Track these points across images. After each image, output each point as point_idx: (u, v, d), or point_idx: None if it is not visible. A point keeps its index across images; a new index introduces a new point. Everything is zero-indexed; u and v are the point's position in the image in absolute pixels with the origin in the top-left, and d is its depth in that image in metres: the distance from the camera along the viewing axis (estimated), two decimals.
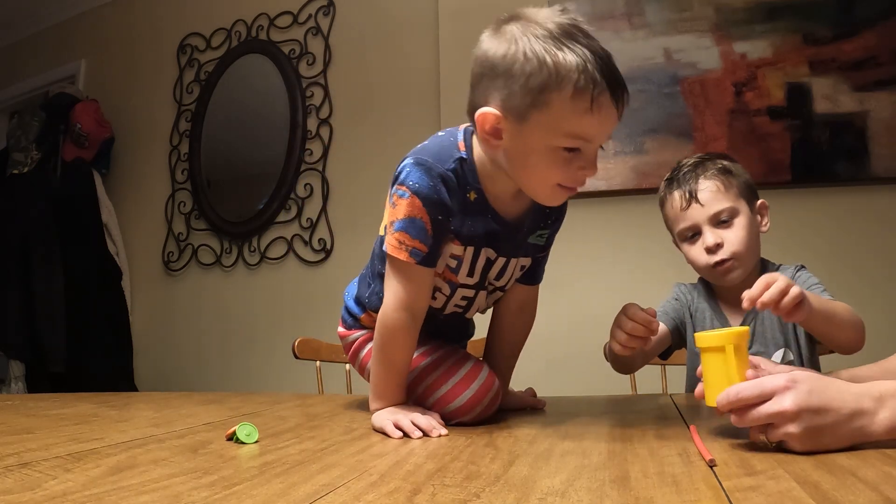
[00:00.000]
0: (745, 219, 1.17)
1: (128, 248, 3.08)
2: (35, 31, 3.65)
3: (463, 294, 1.00)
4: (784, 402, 0.61)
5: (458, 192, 0.89)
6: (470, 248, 0.94)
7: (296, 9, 2.81)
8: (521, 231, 0.97)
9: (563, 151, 0.81)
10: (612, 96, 0.80)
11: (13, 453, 0.68)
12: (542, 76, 0.77)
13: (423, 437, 0.81)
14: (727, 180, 1.17)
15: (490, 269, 0.98)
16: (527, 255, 1.01)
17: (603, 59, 0.81)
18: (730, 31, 2.07)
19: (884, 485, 0.51)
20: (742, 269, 1.18)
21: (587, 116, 0.78)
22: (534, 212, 0.97)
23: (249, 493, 0.53)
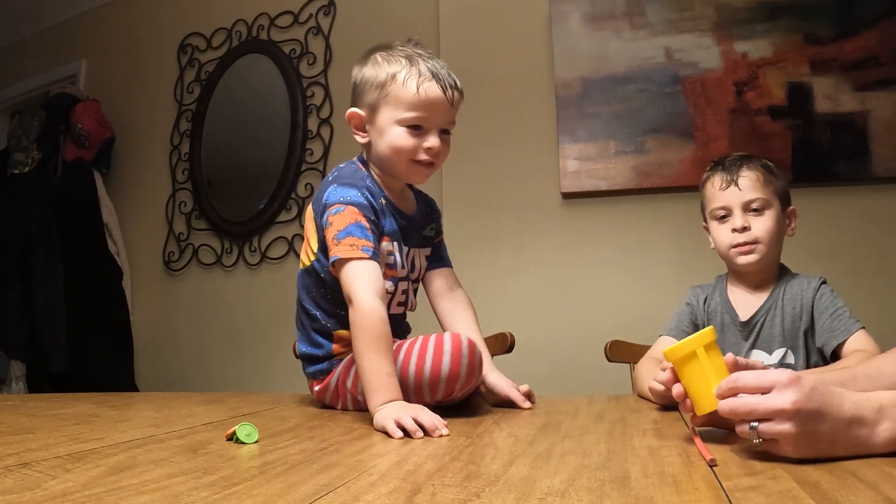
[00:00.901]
0: (775, 214, 1.24)
1: (128, 248, 3.08)
2: (35, 31, 3.65)
3: (402, 288, 1.18)
4: (783, 398, 0.59)
5: (377, 197, 1.12)
6: (395, 243, 1.15)
7: (296, 8, 2.81)
8: (415, 224, 1.21)
9: (408, 129, 1.09)
10: (437, 83, 1.09)
11: (13, 453, 0.68)
12: (380, 79, 1.10)
13: (425, 436, 0.81)
14: (768, 176, 1.25)
15: (413, 258, 1.21)
16: (424, 245, 1.25)
17: (432, 67, 1.11)
18: (731, 30, 2.07)
19: (884, 485, 0.51)
20: (760, 257, 1.24)
21: (420, 97, 1.08)
22: (421, 211, 1.24)
23: (249, 493, 0.53)
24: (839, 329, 1.18)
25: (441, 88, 1.09)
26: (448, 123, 1.13)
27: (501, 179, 2.30)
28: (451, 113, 1.12)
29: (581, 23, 2.21)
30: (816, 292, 1.23)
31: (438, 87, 1.09)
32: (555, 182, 2.20)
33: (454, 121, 1.14)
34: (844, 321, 1.18)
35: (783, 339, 1.23)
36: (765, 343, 1.25)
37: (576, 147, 2.17)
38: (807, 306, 1.23)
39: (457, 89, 1.12)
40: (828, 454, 0.59)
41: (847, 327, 1.17)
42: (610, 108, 2.15)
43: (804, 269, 1.31)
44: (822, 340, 1.20)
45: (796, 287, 1.25)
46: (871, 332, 1.17)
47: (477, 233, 2.26)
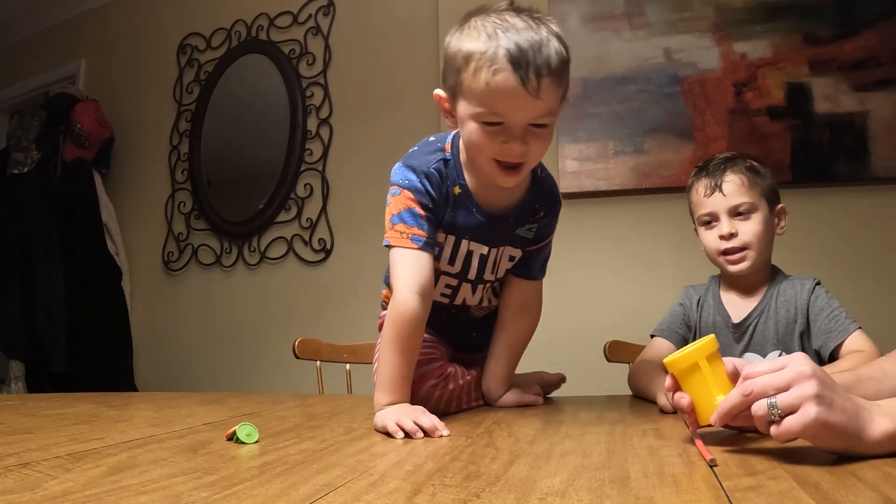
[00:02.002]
0: (762, 216, 1.23)
1: (128, 248, 3.08)
2: (35, 31, 3.65)
3: (446, 282, 1.08)
4: (800, 366, 0.59)
5: (441, 186, 1.00)
6: (451, 237, 1.03)
7: (296, 9, 2.81)
8: (506, 223, 1.06)
9: (485, 126, 0.92)
10: (514, 73, 0.87)
11: (13, 453, 0.68)
12: (458, 61, 0.92)
13: (426, 437, 0.81)
14: (753, 178, 1.23)
15: (472, 259, 1.06)
16: (514, 245, 1.08)
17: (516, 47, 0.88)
18: (730, 30, 2.07)
19: (884, 485, 0.51)
20: (749, 262, 1.23)
21: (491, 90, 0.88)
22: (520, 206, 1.06)
23: (249, 493, 0.53)
24: (836, 330, 1.17)
25: (519, 78, 0.87)
26: (539, 118, 0.91)
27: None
28: (537, 108, 0.90)
29: (580, 23, 2.21)
30: (811, 294, 1.22)
31: (515, 76, 0.87)
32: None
33: (550, 111, 0.92)
34: (841, 322, 1.18)
35: (777, 342, 1.23)
36: (758, 346, 1.25)
37: (575, 147, 2.17)
38: (801, 308, 1.22)
39: (548, 73, 0.89)
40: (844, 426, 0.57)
41: (844, 328, 1.17)
42: (609, 108, 2.15)
43: (803, 270, 1.31)
44: (819, 342, 1.19)
45: (790, 289, 1.24)
46: (871, 333, 1.17)
47: None
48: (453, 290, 1.10)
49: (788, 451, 0.64)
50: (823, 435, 0.58)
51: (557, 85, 0.93)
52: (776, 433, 0.59)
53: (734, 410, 0.64)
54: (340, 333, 1.69)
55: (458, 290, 1.10)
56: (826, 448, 0.59)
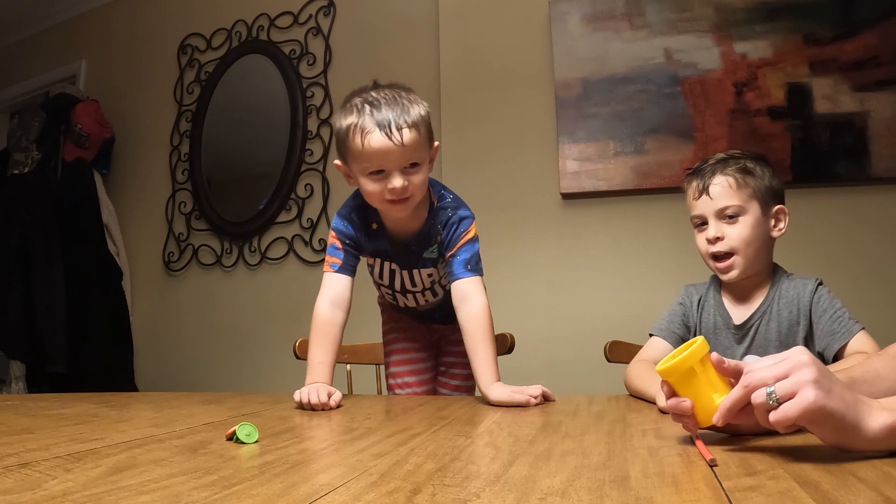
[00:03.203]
0: (752, 219, 1.21)
1: (128, 249, 3.08)
2: (36, 32, 3.65)
3: (387, 291, 1.46)
4: (798, 356, 0.59)
5: (361, 225, 1.34)
6: (378, 259, 1.40)
7: (296, 9, 2.81)
8: (409, 249, 1.35)
9: (372, 176, 1.20)
10: (380, 133, 1.15)
11: (13, 453, 0.68)
12: (342, 134, 1.21)
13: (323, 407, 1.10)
14: (742, 179, 1.22)
15: (396, 278, 1.40)
16: (425, 266, 1.37)
17: (380, 115, 1.16)
18: (730, 31, 2.07)
19: (884, 485, 0.51)
20: (737, 270, 1.22)
21: (366, 149, 1.16)
22: (419, 235, 1.34)
23: (249, 493, 0.53)
24: (840, 331, 1.16)
25: (385, 136, 1.14)
26: (409, 161, 1.18)
27: (501, 180, 2.30)
28: (406, 153, 1.17)
29: (581, 23, 2.22)
30: (813, 295, 1.21)
31: (382, 135, 1.14)
32: (554, 182, 2.20)
33: (418, 156, 1.19)
34: (844, 323, 1.17)
35: (779, 344, 1.22)
36: (760, 347, 1.24)
37: (575, 147, 2.17)
38: (804, 310, 1.21)
39: (407, 126, 1.15)
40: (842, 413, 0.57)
41: (848, 329, 1.16)
42: (609, 108, 2.15)
43: (803, 270, 1.30)
44: (822, 344, 1.18)
45: (792, 290, 1.23)
46: (872, 333, 1.17)
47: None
48: (393, 296, 1.45)
49: (788, 451, 0.64)
50: (821, 421, 0.57)
51: (417, 133, 1.18)
52: (774, 419, 0.58)
53: (737, 405, 0.63)
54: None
55: (396, 297, 1.45)
56: (824, 439, 0.59)
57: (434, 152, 1.27)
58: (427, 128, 1.21)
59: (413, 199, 1.23)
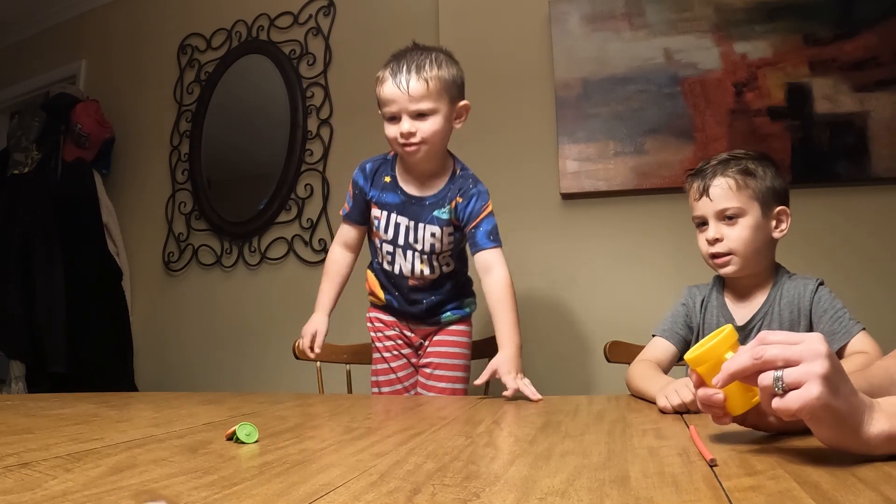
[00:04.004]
0: (752, 220, 1.22)
1: (128, 249, 3.08)
2: (36, 32, 3.65)
3: (387, 249, 1.54)
4: (815, 344, 0.58)
5: (371, 176, 1.53)
6: (384, 212, 1.51)
7: (296, 9, 2.81)
8: (422, 204, 1.48)
9: (388, 121, 1.42)
10: (391, 80, 1.37)
11: (13, 453, 0.68)
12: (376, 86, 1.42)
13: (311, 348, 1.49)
14: (743, 180, 1.22)
15: (401, 230, 1.50)
16: (432, 223, 1.48)
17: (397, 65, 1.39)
18: (730, 31, 2.07)
19: (884, 485, 0.51)
20: (735, 267, 1.23)
21: (381, 96, 1.40)
22: (437, 194, 1.48)
23: (249, 493, 0.53)
24: (840, 332, 1.17)
25: (395, 84, 1.36)
26: (416, 109, 1.38)
27: (501, 180, 2.29)
28: (411, 101, 1.37)
29: (581, 23, 2.22)
30: (814, 294, 1.22)
31: (393, 83, 1.37)
32: (554, 183, 2.20)
33: (425, 106, 1.38)
34: (845, 323, 1.17)
35: None
36: None
37: (575, 148, 2.17)
38: (805, 310, 1.22)
39: (417, 79, 1.35)
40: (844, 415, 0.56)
41: (848, 329, 1.16)
42: (609, 108, 2.15)
43: (803, 270, 1.30)
44: None
45: (793, 290, 1.24)
46: (873, 334, 1.17)
47: None
48: (392, 257, 1.53)
49: (788, 451, 0.64)
50: (822, 417, 0.56)
51: (425, 86, 1.36)
52: (776, 406, 0.58)
53: (742, 373, 0.62)
54: (340, 334, 1.69)
55: (395, 257, 1.52)
56: (820, 436, 0.59)
57: (460, 111, 1.46)
58: (443, 85, 1.38)
59: (424, 148, 1.41)
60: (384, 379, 1.62)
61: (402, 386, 1.61)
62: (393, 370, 1.61)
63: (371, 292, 1.65)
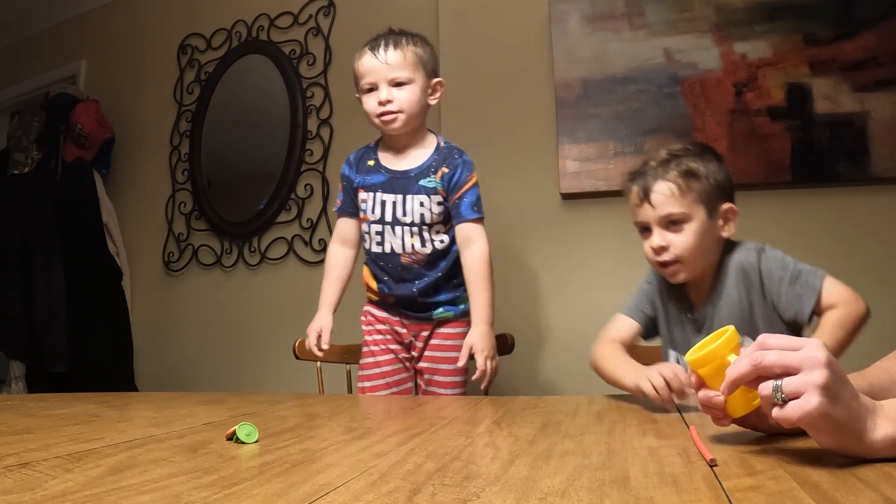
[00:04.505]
0: (698, 225, 1.17)
1: (128, 249, 3.08)
2: (36, 32, 3.65)
3: (376, 230, 1.55)
4: (815, 351, 0.57)
5: (357, 164, 1.61)
6: (370, 193, 1.55)
7: (296, 9, 2.81)
8: (407, 177, 1.52)
9: (366, 93, 1.50)
10: (370, 52, 1.47)
11: (13, 453, 0.68)
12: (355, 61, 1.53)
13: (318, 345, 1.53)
14: (686, 184, 1.16)
15: (387, 207, 1.52)
16: (419, 193, 1.51)
17: (378, 37, 1.50)
18: (730, 31, 2.07)
19: (884, 485, 0.51)
20: (685, 273, 1.20)
21: (360, 69, 1.50)
22: (421, 166, 1.53)
23: (249, 493, 0.53)
24: (805, 291, 1.12)
25: (373, 55, 1.45)
26: (393, 77, 1.46)
27: (501, 180, 2.30)
28: (389, 70, 1.45)
29: (581, 23, 2.22)
30: (760, 267, 1.16)
31: (371, 54, 1.46)
32: (554, 183, 2.20)
33: (402, 74, 1.46)
34: (805, 279, 1.12)
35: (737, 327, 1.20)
36: None
37: (575, 148, 2.17)
38: (755, 284, 1.17)
39: (393, 47, 1.45)
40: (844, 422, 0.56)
41: (811, 284, 1.12)
42: (609, 108, 2.15)
43: None
44: (791, 311, 1.13)
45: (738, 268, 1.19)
46: (870, 334, 1.16)
47: None
48: (381, 237, 1.54)
49: (788, 451, 0.64)
50: (822, 427, 0.56)
51: (402, 56, 1.45)
52: (776, 416, 0.58)
53: (742, 379, 0.62)
54: (340, 334, 1.69)
55: (385, 236, 1.53)
56: (823, 444, 0.59)
57: (435, 86, 1.55)
58: (418, 58, 1.48)
59: (402, 117, 1.48)
60: (368, 373, 1.60)
61: (385, 381, 1.58)
62: (378, 364, 1.59)
63: (367, 287, 1.65)
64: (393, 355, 1.60)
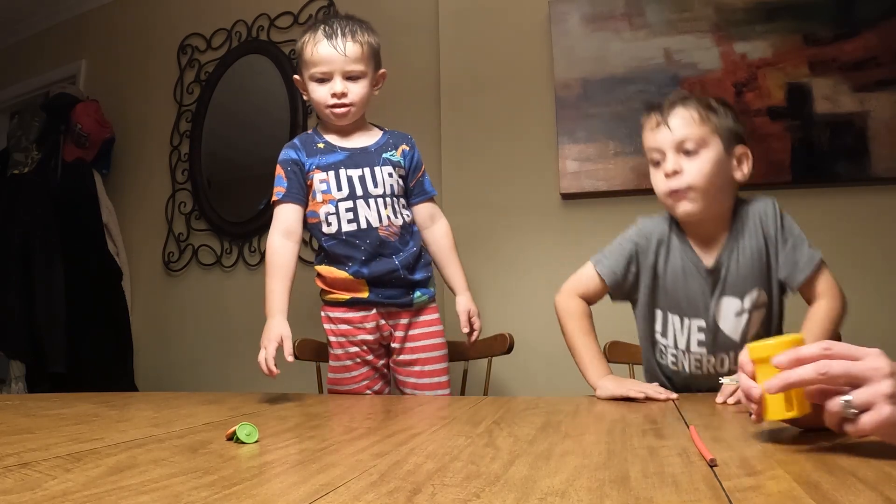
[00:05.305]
0: (714, 154, 1.15)
1: (128, 249, 3.08)
2: (36, 32, 3.65)
3: (346, 206, 1.45)
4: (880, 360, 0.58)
5: (304, 148, 1.49)
6: (331, 171, 1.46)
7: (296, 9, 2.81)
8: (367, 152, 1.49)
9: (318, 82, 1.43)
10: (326, 41, 1.40)
11: (13, 453, 0.68)
12: (298, 49, 1.46)
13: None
14: (705, 114, 1.15)
15: (355, 182, 1.45)
16: (385, 165, 1.48)
17: (329, 28, 1.42)
18: (730, 31, 2.07)
19: (884, 485, 0.51)
20: (696, 206, 1.15)
21: (314, 56, 1.41)
22: (378, 142, 1.51)
23: (249, 493, 0.53)
24: (804, 260, 1.14)
25: (331, 45, 1.39)
26: (350, 70, 1.42)
27: (500, 180, 2.30)
28: (346, 62, 1.41)
29: (580, 24, 2.22)
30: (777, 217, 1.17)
31: (328, 43, 1.39)
32: (554, 183, 2.20)
33: (358, 68, 1.43)
34: (807, 249, 1.15)
35: (753, 280, 1.17)
36: (734, 288, 1.18)
37: (575, 148, 2.17)
38: (771, 238, 1.16)
39: (350, 38, 1.40)
40: None
41: (809, 258, 1.14)
42: (609, 108, 2.15)
43: None
44: (784, 272, 1.15)
45: (754, 218, 1.18)
46: (870, 334, 1.17)
47: (476, 233, 2.26)
48: (354, 213, 1.44)
49: (788, 451, 0.64)
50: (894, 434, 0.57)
51: (360, 49, 1.41)
52: (850, 430, 0.59)
53: (802, 383, 0.62)
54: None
55: (358, 211, 1.44)
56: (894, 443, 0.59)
57: (379, 78, 1.52)
58: (371, 51, 1.46)
59: (352, 111, 1.45)
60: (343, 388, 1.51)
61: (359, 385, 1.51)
62: (354, 379, 1.51)
63: (328, 288, 1.51)
64: (369, 367, 1.52)
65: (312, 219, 1.48)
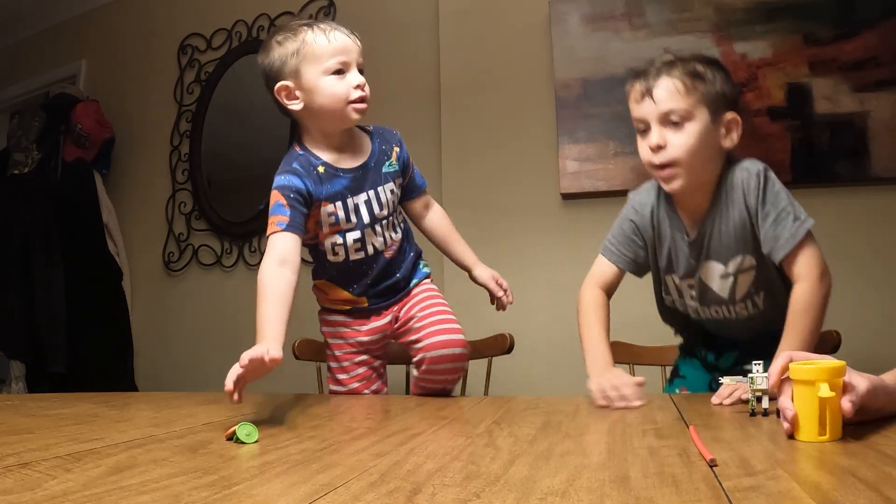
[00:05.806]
0: (699, 126, 1.12)
1: (128, 249, 3.08)
2: (36, 32, 3.65)
3: (353, 237, 1.35)
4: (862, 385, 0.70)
5: (306, 173, 1.29)
6: (338, 202, 1.32)
7: (296, 9, 2.81)
8: (368, 169, 1.36)
9: (334, 76, 1.26)
10: (340, 30, 1.28)
11: (13, 453, 0.68)
12: (289, 53, 1.26)
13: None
14: (691, 83, 1.11)
15: (362, 209, 1.34)
16: (387, 182, 1.38)
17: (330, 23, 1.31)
18: (730, 31, 2.07)
19: (884, 485, 0.51)
20: (682, 180, 1.14)
21: (331, 46, 1.25)
22: (373, 155, 1.37)
23: (249, 493, 0.53)
24: (784, 235, 1.10)
25: (345, 34, 1.29)
26: (362, 62, 1.31)
27: (501, 180, 2.30)
28: (360, 52, 1.31)
29: (580, 23, 2.22)
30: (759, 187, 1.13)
31: (343, 32, 1.29)
32: (554, 183, 2.20)
33: (362, 62, 1.32)
34: (787, 227, 1.10)
35: (736, 247, 1.16)
36: (717, 254, 1.18)
37: (575, 148, 2.17)
38: (752, 210, 1.13)
39: (356, 34, 1.32)
40: None
41: (793, 233, 1.10)
42: (609, 108, 2.15)
43: None
44: (766, 247, 1.12)
45: (738, 189, 1.15)
46: (870, 334, 1.16)
47: (476, 234, 2.25)
48: (362, 242, 1.36)
49: (788, 451, 0.64)
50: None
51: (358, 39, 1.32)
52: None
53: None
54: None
55: (366, 239, 1.36)
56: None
57: None
58: None
59: (367, 104, 1.32)
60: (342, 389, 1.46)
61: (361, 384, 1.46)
62: (353, 379, 1.46)
63: (329, 305, 1.47)
64: (366, 367, 1.47)
65: (313, 241, 1.38)
